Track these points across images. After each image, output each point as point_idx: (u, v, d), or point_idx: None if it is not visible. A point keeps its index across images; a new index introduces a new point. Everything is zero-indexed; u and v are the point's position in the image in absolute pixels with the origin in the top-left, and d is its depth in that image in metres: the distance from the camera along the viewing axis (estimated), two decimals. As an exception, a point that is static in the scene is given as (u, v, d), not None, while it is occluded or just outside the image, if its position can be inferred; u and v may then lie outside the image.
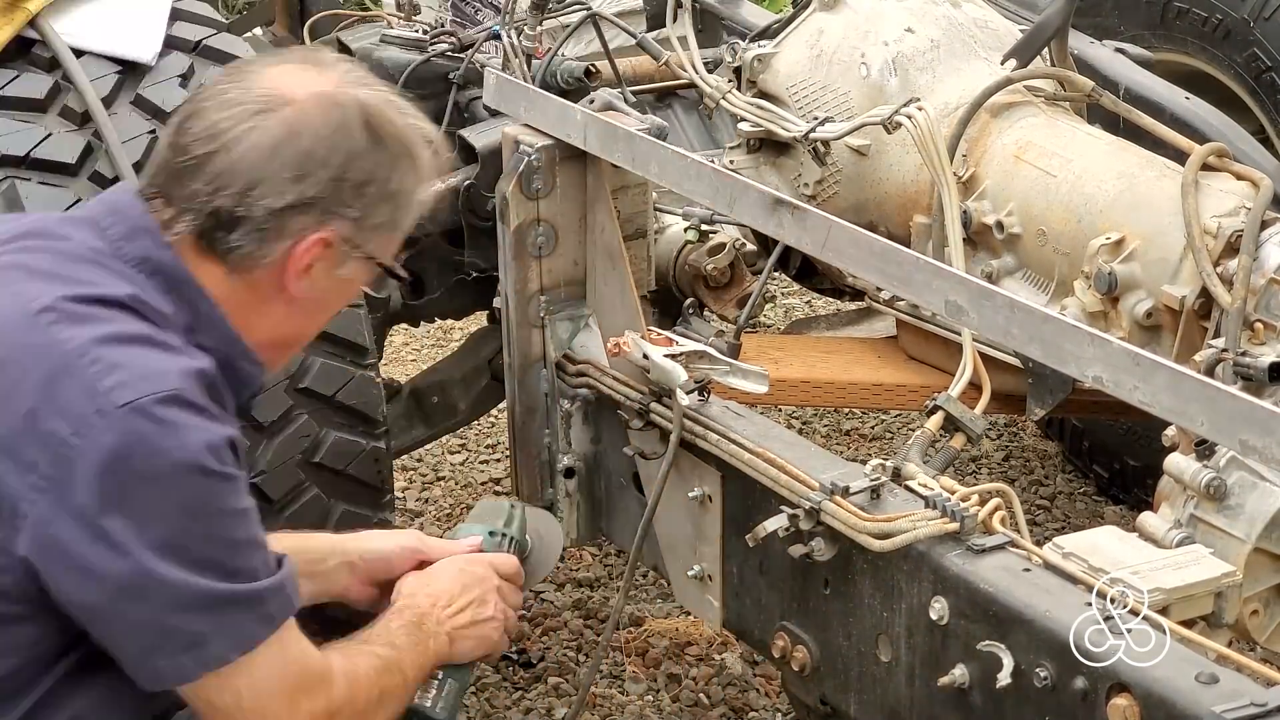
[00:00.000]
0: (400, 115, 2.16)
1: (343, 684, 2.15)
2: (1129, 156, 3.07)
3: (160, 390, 1.93)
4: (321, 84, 2.11)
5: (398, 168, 2.13)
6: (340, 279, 2.16)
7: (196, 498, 1.95)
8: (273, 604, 2.03)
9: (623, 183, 2.87)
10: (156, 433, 1.92)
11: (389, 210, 2.14)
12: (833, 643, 2.39)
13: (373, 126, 2.11)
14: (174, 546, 1.94)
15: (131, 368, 1.94)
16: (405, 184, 2.15)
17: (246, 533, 2.02)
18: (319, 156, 2.06)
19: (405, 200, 2.16)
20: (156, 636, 1.97)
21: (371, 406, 2.92)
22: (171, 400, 1.94)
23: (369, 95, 2.13)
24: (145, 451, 1.91)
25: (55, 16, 2.91)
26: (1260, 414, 1.89)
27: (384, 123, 2.12)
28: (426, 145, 2.19)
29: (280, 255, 2.08)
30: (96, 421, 1.90)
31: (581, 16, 3.77)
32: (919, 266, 2.28)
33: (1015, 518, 2.37)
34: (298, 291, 2.12)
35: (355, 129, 2.09)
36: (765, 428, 2.57)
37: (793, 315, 5.26)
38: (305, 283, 2.11)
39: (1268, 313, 2.70)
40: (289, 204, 2.05)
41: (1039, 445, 4.71)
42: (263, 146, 2.04)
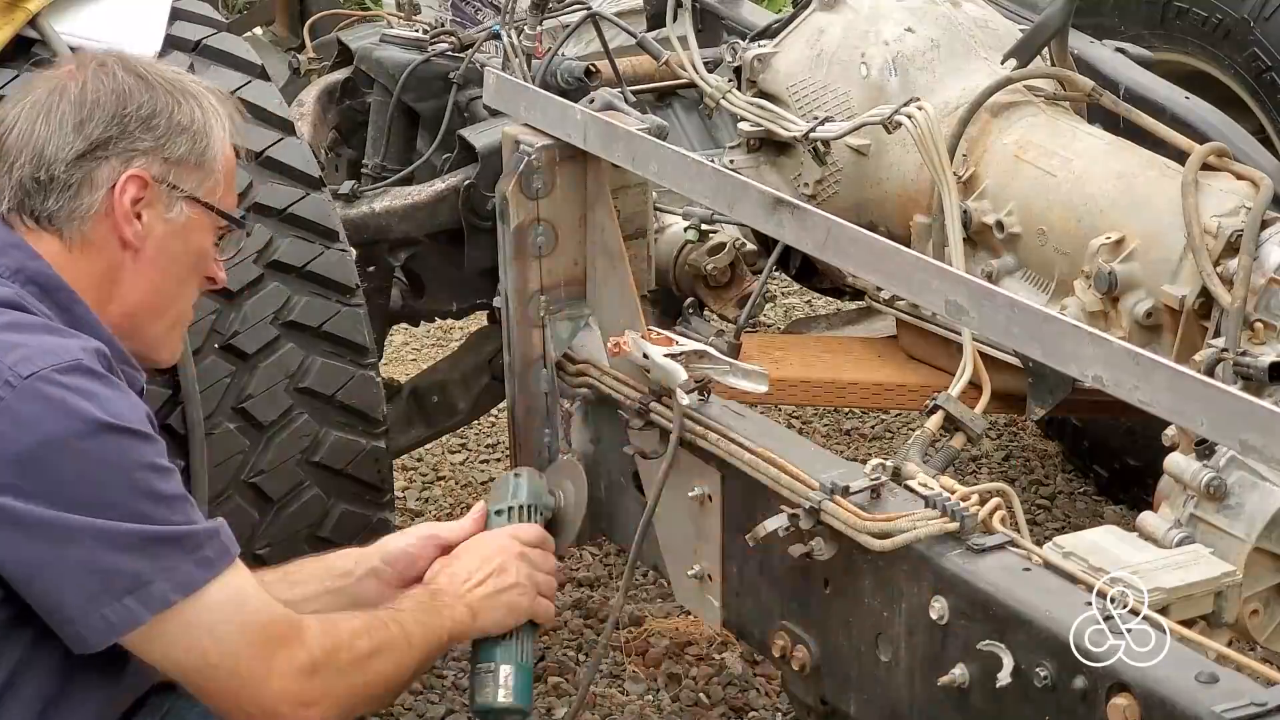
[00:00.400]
0: (170, 70, 2.27)
1: (318, 634, 2.13)
2: (1129, 156, 3.07)
3: (62, 361, 2.00)
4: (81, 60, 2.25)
5: (179, 103, 2.20)
6: (175, 224, 2.20)
7: (115, 453, 2.00)
8: (209, 547, 2.05)
9: (623, 182, 2.87)
10: (66, 396, 1.97)
11: (187, 142, 2.20)
12: (833, 642, 2.39)
13: (137, 73, 2.21)
14: (99, 502, 1.98)
15: (31, 346, 2.01)
16: (195, 117, 2.21)
17: (170, 488, 2.04)
18: (90, 101, 2.16)
19: (203, 133, 2.22)
20: (97, 580, 1.98)
21: (371, 406, 2.92)
22: (75, 369, 2.00)
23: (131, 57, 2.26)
24: (58, 414, 1.97)
25: (55, 16, 2.91)
26: (1260, 414, 1.89)
27: (150, 70, 2.23)
28: (209, 91, 2.27)
29: (101, 204, 2.15)
30: (5, 392, 1.96)
31: (581, 16, 3.77)
32: (919, 266, 2.28)
33: (1015, 517, 2.37)
34: (136, 239, 2.17)
35: (120, 74, 2.19)
36: (765, 427, 2.57)
37: (793, 315, 5.27)
38: (140, 229, 2.17)
39: (1268, 312, 2.70)
40: (81, 152, 2.15)
41: (1039, 445, 4.71)
42: (35, 113, 2.16)
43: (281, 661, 2.08)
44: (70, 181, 2.15)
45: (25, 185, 2.15)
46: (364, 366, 2.91)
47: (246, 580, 2.10)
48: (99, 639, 2.01)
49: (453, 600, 2.38)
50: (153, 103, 2.19)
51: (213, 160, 2.23)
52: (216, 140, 2.24)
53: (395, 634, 2.24)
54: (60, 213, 2.15)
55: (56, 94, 2.17)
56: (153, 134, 2.18)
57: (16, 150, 2.16)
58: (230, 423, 2.78)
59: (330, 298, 2.89)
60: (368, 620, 2.24)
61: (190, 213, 2.22)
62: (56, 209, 2.15)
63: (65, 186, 2.15)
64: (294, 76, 4.17)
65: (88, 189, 2.15)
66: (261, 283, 2.84)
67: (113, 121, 2.16)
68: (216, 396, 2.76)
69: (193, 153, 2.21)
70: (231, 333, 2.79)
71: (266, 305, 2.83)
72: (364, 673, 2.18)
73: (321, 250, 2.90)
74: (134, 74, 2.21)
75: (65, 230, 2.16)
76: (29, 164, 2.15)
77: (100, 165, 2.16)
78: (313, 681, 2.11)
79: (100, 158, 2.16)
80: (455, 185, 3.45)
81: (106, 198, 2.16)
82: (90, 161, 2.15)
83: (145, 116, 2.18)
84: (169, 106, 2.20)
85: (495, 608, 2.42)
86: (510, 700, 2.42)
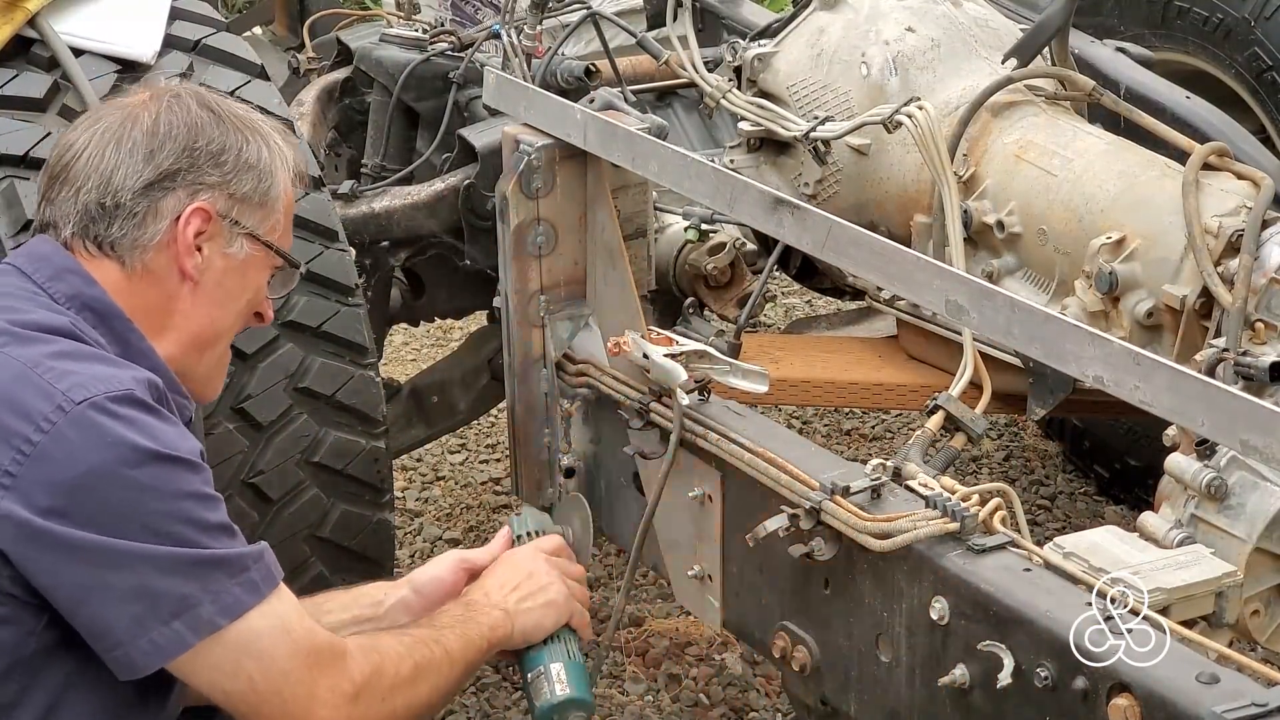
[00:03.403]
0: (241, 108, 2.29)
1: (361, 659, 2.15)
2: (1130, 156, 3.07)
3: (114, 390, 2.01)
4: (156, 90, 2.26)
5: (248, 140, 2.23)
6: (234, 260, 2.23)
7: (163, 481, 2.01)
8: (255, 571, 2.06)
9: (623, 182, 2.87)
10: (117, 424, 1.98)
11: (253, 180, 2.22)
12: (833, 643, 2.39)
13: (210, 107, 2.23)
14: (146, 527, 1.98)
15: (84, 374, 2.02)
16: (262, 156, 2.24)
17: (216, 516, 2.06)
18: (163, 133, 2.18)
19: (267, 172, 2.24)
20: (144, 605, 1.99)
21: (371, 406, 2.92)
22: (126, 399, 2.01)
23: (203, 91, 2.28)
24: (109, 440, 1.97)
25: (54, 15, 2.91)
26: (1261, 414, 1.89)
27: (222, 105, 2.26)
28: (274, 131, 2.29)
29: (165, 235, 2.17)
30: (58, 418, 1.97)
31: (581, 16, 3.76)
32: (919, 266, 2.27)
33: (1016, 517, 2.37)
34: (195, 272, 2.19)
35: (194, 108, 2.22)
36: (765, 428, 2.57)
37: (793, 315, 5.27)
38: (200, 261, 2.19)
39: (1269, 312, 2.70)
40: (149, 181, 2.16)
41: (1040, 445, 4.71)
42: (107, 140, 2.17)
43: (325, 687, 2.10)
44: (136, 210, 2.16)
45: (90, 211, 2.16)
46: (364, 366, 2.91)
47: (291, 605, 2.11)
48: (147, 663, 2.02)
49: (488, 607, 2.39)
50: (223, 138, 2.21)
51: (275, 200, 2.26)
52: (280, 180, 2.26)
53: (436, 654, 2.26)
54: (123, 240, 2.16)
55: (129, 122, 2.18)
56: (220, 169, 2.20)
57: (84, 175, 2.17)
58: (229, 423, 2.78)
59: (330, 298, 2.89)
60: (410, 642, 2.25)
61: (250, 249, 2.24)
62: (120, 236, 2.16)
63: (130, 214, 2.16)
64: (294, 76, 4.17)
65: (152, 218, 2.17)
66: (261, 283, 2.83)
67: (183, 154, 2.18)
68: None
69: (257, 191, 2.23)
70: (231, 332, 2.79)
71: (266, 305, 2.83)
72: (407, 695, 2.20)
73: (321, 250, 2.90)
74: (207, 108, 2.22)
75: (127, 258, 2.17)
76: (95, 189, 2.16)
77: (167, 196, 2.17)
78: (356, 707, 2.12)
79: (167, 188, 2.17)
80: (455, 185, 3.45)
81: (170, 228, 2.17)
82: (157, 191, 2.17)
83: (215, 151, 2.20)
84: (238, 143, 2.22)
85: (531, 610, 2.43)
86: (569, 693, 2.40)
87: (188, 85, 2.30)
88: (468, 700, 3.70)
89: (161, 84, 2.31)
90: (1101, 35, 3.79)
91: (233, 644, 2.03)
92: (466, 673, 2.32)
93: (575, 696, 2.42)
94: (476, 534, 4.29)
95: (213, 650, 2.02)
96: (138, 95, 2.25)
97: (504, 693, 3.65)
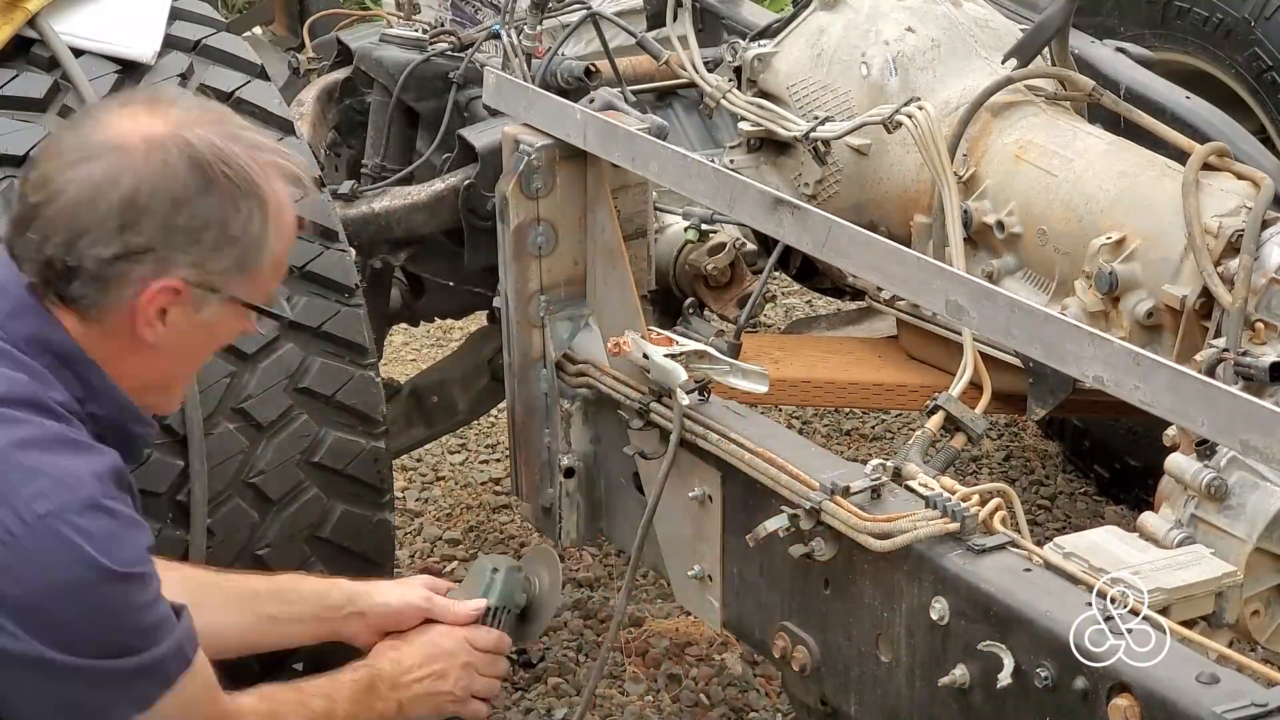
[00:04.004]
0: (246, 152, 2.09)
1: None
2: (1129, 156, 3.07)
3: (77, 498, 1.96)
4: (154, 126, 2.05)
5: (238, 210, 2.07)
6: (203, 322, 2.11)
7: (117, 600, 1.99)
8: (171, 663, 2.06)
9: (623, 182, 2.87)
10: (77, 539, 1.94)
11: (235, 254, 2.08)
12: (833, 643, 2.39)
13: (203, 168, 2.04)
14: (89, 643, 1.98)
15: (49, 475, 1.96)
16: (251, 226, 2.08)
17: (153, 615, 2.04)
18: (141, 204, 2.02)
19: (254, 242, 2.09)
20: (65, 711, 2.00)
21: (371, 406, 2.92)
22: (89, 508, 1.96)
23: (205, 135, 2.06)
24: (68, 559, 1.94)
25: (54, 16, 2.91)
26: (1261, 414, 1.89)
27: (217, 163, 2.05)
28: (283, 179, 2.13)
29: (126, 304, 2.05)
30: (19, 529, 1.93)
31: (581, 16, 3.76)
32: (919, 266, 2.27)
33: (1016, 518, 2.37)
34: (154, 339, 2.09)
35: (182, 172, 2.03)
36: (765, 428, 2.57)
37: (793, 315, 5.26)
38: (160, 329, 2.08)
39: (1269, 312, 2.70)
40: (117, 254, 2.02)
41: (1040, 445, 4.71)
42: (83, 197, 2.01)
43: None
44: (100, 275, 2.03)
45: (54, 265, 2.03)
46: (364, 366, 2.91)
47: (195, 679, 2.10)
48: None
49: (387, 692, 2.48)
50: (207, 212, 2.04)
51: (260, 266, 2.11)
52: (271, 244, 2.11)
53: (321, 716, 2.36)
54: (83, 300, 2.05)
55: (111, 180, 2.01)
56: (198, 247, 2.05)
57: (53, 226, 2.02)
58: (229, 423, 2.78)
59: (330, 298, 2.89)
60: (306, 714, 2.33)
61: (224, 310, 2.12)
62: (80, 296, 2.04)
63: (93, 278, 2.03)
64: (294, 76, 4.17)
65: (115, 286, 2.04)
66: (261, 283, 2.83)
67: (158, 231, 2.02)
68: (216, 397, 2.76)
69: (239, 263, 2.08)
70: (231, 332, 2.79)
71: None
72: None
73: (321, 250, 2.90)
74: (199, 168, 2.04)
75: (86, 314, 2.06)
76: (60, 247, 2.02)
77: (133, 268, 2.03)
78: None
79: (135, 262, 2.03)
80: (455, 185, 3.45)
81: (133, 297, 2.05)
82: (124, 263, 2.03)
83: (195, 229, 2.04)
84: (223, 216, 2.06)
85: (421, 705, 2.53)
86: None
87: (186, 134, 2.05)
88: (468, 700, 3.70)
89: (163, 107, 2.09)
90: (1101, 35, 3.78)
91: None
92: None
93: None
94: (476, 534, 4.29)
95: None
96: (133, 131, 2.04)
97: (504, 693, 3.65)
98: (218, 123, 2.11)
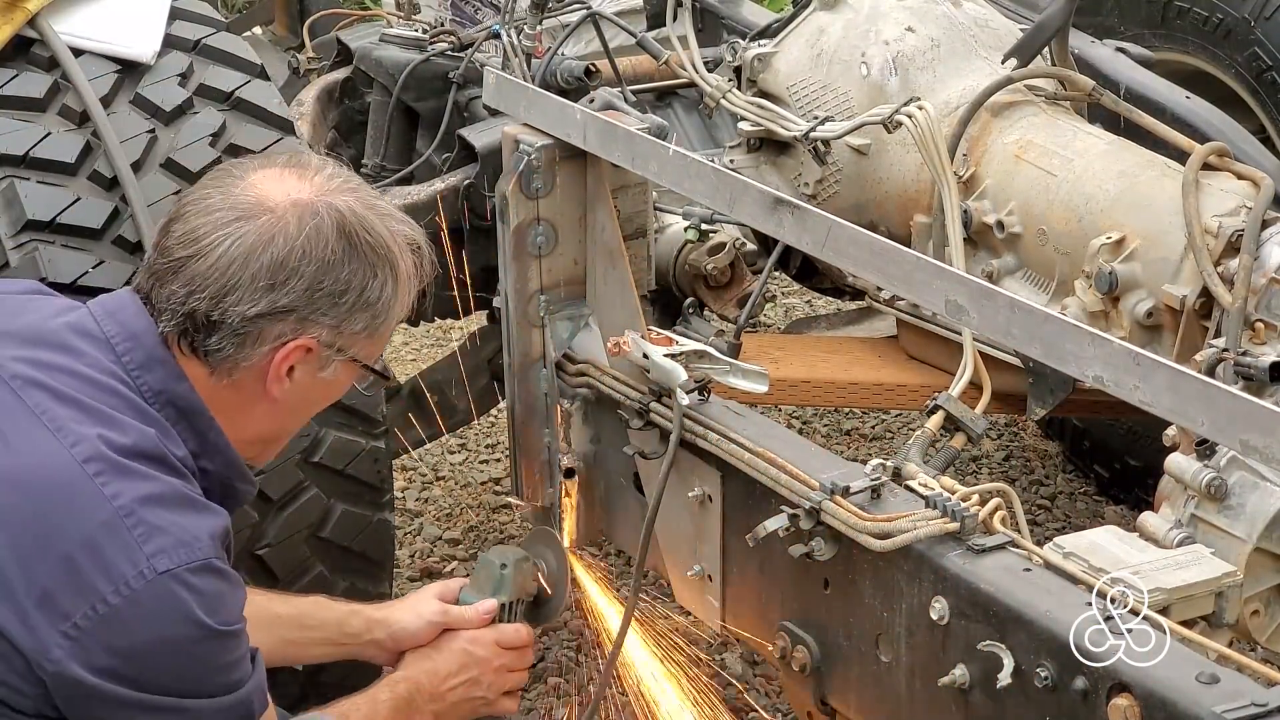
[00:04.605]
0: (381, 221, 2.18)
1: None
2: (1129, 156, 3.07)
3: (194, 560, 2.02)
4: (301, 191, 2.14)
5: (375, 277, 2.16)
6: (323, 380, 2.21)
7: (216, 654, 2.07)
8: (256, 702, 2.14)
9: (623, 182, 2.87)
10: (190, 598, 2.01)
11: (367, 318, 2.17)
12: (833, 643, 2.39)
13: (349, 235, 2.13)
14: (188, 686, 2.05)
15: (170, 533, 2.02)
16: (385, 293, 2.18)
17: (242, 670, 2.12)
18: (292, 266, 2.10)
19: (385, 308, 2.19)
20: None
21: (371, 406, 2.92)
22: (203, 569, 2.03)
23: (348, 202, 2.15)
24: (180, 616, 2.01)
25: (54, 16, 2.91)
26: (1261, 414, 1.89)
27: (361, 231, 2.15)
28: (410, 250, 2.22)
29: (261, 360, 2.14)
30: (139, 584, 1.98)
31: (581, 16, 3.76)
32: (919, 266, 2.27)
33: (1016, 517, 2.37)
34: (280, 394, 2.17)
35: (331, 238, 2.12)
36: (765, 428, 2.57)
37: (793, 315, 5.26)
38: (287, 385, 2.17)
39: (1268, 312, 2.70)
40: (262, 312, 2.10)
41: (1040, 445, 4.71)
42: (236, 254, 2.09)
43: None
44: (241, 331, 2.10)
45: (196, 318, 2.10)
46: (364, 366, 2.91)
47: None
48: None
49: (425, 705, 2.54)
50: (349, 277, 2.13)
51: (385, 331, 2.23)
52: (396, 312, 2.21)
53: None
54: (218, 354, 2.12)
55: (264, 242, 2.09)
56: (338, 310, 2.14)
57: (200, 280, 2.09)
58: (230, 423, 2.78)
59: (330, 298, 2.88)
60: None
61: (344, 369, 2.21)
62: (216, 349, 2.11)
63: (234, 334, 2.10)
64: (293, 76, 4.17)
65: (253, 342, 2.12)
66: (261, 283, 2.83)
67: (304, 293, 2.11)
68: (216, 397, 2.76)
69: (369, 327, 2.18)
70: (231, 333, 2.79)
71: (266, 305, 2.83)
72: None
73: (321, 250, 2.89)
74: (345, 237, 2.12)
75: (217, 368, 2.13)
76: (207, 300, 2.09)
77: (275, 326, 2.11)
78: None
79: (279, 320, 2.11)
80: (455, 185, 3.45)
81: (268, 354, 2.13)
82: (266, 321, 2.11)
83: (338, 292, 2.13)
84: (364, 281, 2.15)
85: (458, 715, 2.60)
86: None
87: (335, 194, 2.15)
88: (468, 700, 3.70)
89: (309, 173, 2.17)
90: (1101, 35, 3.79)
91: None
92: None
93: None
94: (476, 534, 4.29)
95: None
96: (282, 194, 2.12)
97: (504, 693, 3.64)
98: (356, 190, 2.19)
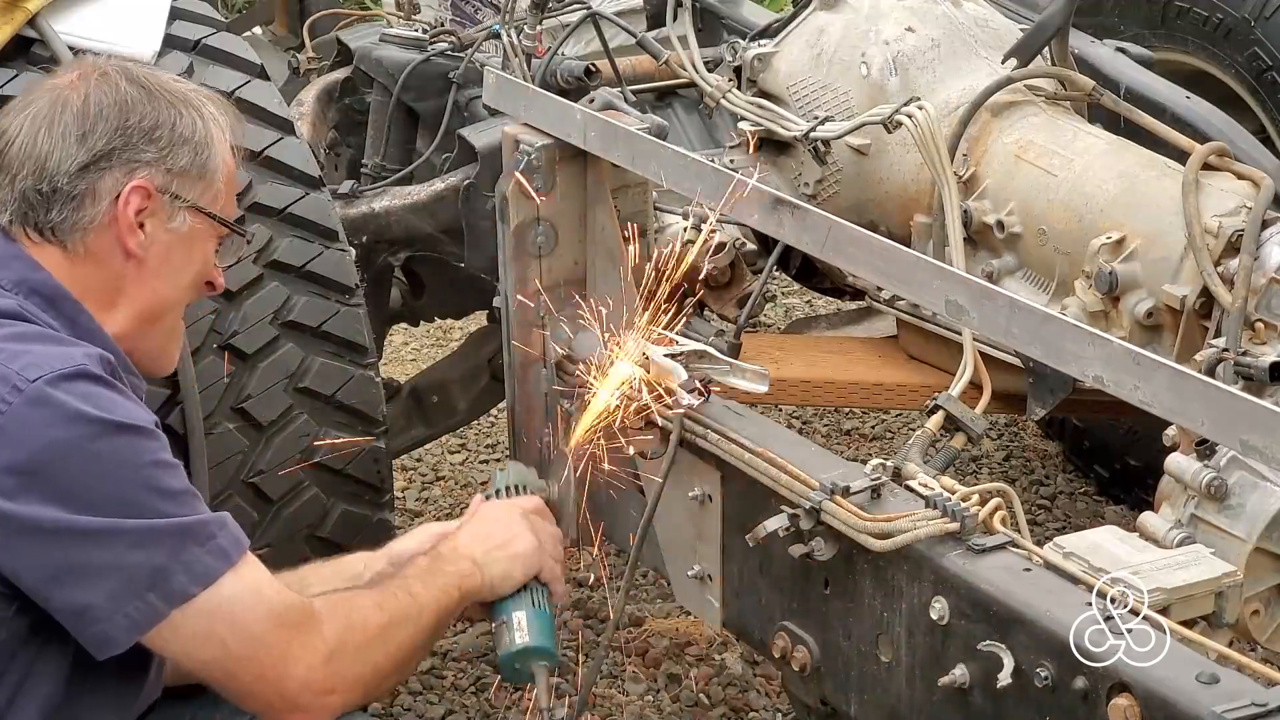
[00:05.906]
0: (170, 79, 2.28)
1: (333, 618, 2.15)
2: (1130, 156, 3.07)
3: (68, 367, 2.02)
4: (83, 70, 2.24)
5: (181, 114, 2.22)
6: (178, 234, 2.22)
7: (125, 452, 2.02)
8: (223, 537, 2.07)
9: (623, 182, 2.86)
10: (72, 399, 1.99)
11: (189, 153, 2.21)
12: (833, 643, 2.39)
13: (139, 82, 2.22)
14: (112, 499, 2.00)
15: (37, 353, 2.03)
16: (198, 129, 2.23)
17: (178, 483, 2.07)
18: (94, 113, 2.17)
19: (204, 144, 2.23)
20: (119, 580, 1.99)
21: (371, 406, 2.92)
22: (79, 374, 2.02)
23: (132, 65, 2.26)
24: (67, 416, 1.98)
25: (54, 15, 2.91)
26: (1261, 414, 1.89)
27: (151, 79, 2.24)
28: (209, 100, 2.28)
29: (105, 215, 2.17)
30: (14, 397, 1.98)
31: (581, 16, 3.77)
32: (919, 266, 2.27)
33: (1016, 517, 2.36)
34: (139, 249, 2.19)
35: (123, 85, 2.20)
36: (765, 428, 2.57)
37: (793, 315, 5.27)
38: (143, 239, 2.19)
39: (1268, 312, 2.70)
40: (84, 163, 2.16)
41: (1040, 445, 4.71)
42: (40, 124, 2.17)
43: (299, 647, 2.10)
44: (73, 193, 2.16)
45: (28, 197, 2.16)
46: (363, 366, 2.91)
47: (260, 570, 2.11)
48: (124, 638, 2.02)
49: (456, 558, 2.37)
50: (155, 114, 2.20)
51: (214, 170, 2.25)
52: (218, 150, 2.25)
53: (405, 603, 2.25)
54: (63, 224, 2.16)
55: (59, 105, 2.18)
56: (155, 145, 2.19)
57: (19, 162, 2.17)
58: (229, 423, 2.78)
59: (330, 297, 2.89)
60: (379, 597, 2.25)
61: (193, 222, 2.23)
62: (59, 220, 2.16)
63: (68, 198, 2.16)
64: (294, 76, 4.18)
65: (91, 200, 2.16)
66: (261, 282, 2.84)
67: (116, 133, 2.17)
68: (216, 396, 2.76)
69: (195, 163, 2.22)
70: (231, 332, 2.79)
71: (266, 305, 2.83)
72: (379, 650, 2.19)
73: (321, 250, 2.90)
74: (136, 84, 2.22)
75: (68, 242, 2.17)
76: (31, 176, 2.16)
77: (103, 176, 2.17)
78: (330, 667, 2.12)
79: (103, 169, 2.17)
80: (455, 185, 3.45)
81: (110, 209, 2.17)
82: (93, 173, 2.16)
83: (148, 128, 2.19)
84: (171, 118, 2.21)
85: (499, 559, 2.40)
86: (527, 641, 2.38)
87: (114, 62, 2.26)
88: (468, 701, 3.70)
89: (88, 61, 2.28)
90: (1101, 35, 3.79)
91: (205, 611, 2.03)
92: (439, 621, 2.31)
93: (535, 645, 2.39)
94: (476, 534, 4.29)
95: (186, 619, 2.03)
96: (65, 76, 2.23)
97: (504, 693, 3.65)
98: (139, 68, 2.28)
